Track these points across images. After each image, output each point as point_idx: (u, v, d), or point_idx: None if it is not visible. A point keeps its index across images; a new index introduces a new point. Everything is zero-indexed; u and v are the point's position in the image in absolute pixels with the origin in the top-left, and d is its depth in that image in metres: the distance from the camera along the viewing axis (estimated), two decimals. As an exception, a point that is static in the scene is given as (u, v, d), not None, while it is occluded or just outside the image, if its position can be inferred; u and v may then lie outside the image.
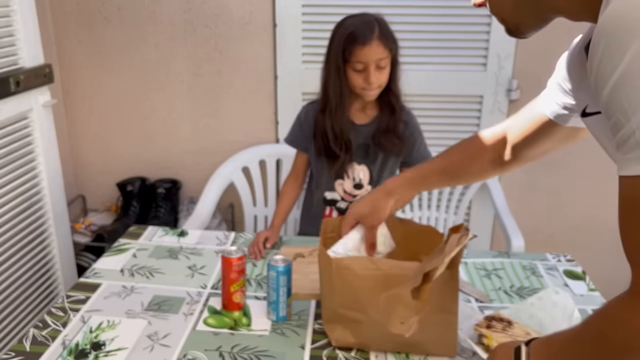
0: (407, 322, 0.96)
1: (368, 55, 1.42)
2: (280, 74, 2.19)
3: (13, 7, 1.59)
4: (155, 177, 2.34)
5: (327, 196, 1.65)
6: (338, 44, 1.46)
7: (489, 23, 2.06)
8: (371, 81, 1.45)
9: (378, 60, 1.44)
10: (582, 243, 2.25)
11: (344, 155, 1.55)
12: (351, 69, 1.46)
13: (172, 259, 1.38)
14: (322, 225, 1.12)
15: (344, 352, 1.03)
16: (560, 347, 0.72)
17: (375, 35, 1.43)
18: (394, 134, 1.56)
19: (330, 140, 1.54)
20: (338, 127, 1.53)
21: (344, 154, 1.55)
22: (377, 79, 1.45)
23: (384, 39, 1.44)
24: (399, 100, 1.56)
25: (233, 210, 2.35)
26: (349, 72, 1.47)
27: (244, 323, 1.12)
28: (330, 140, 1.54)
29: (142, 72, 2.23)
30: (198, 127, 2.29)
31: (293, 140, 1.66)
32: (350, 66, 1.46)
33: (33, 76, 1.66)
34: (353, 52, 1.43)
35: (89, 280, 1.27)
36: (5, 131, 1.60)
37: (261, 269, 1.34)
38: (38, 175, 1.76)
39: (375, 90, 1.49)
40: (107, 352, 1.01)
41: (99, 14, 2.17)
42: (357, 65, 1.44)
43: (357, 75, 1.46)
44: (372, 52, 1.42)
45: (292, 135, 1.66)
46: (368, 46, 1.42)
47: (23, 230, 1.70)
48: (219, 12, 2.13)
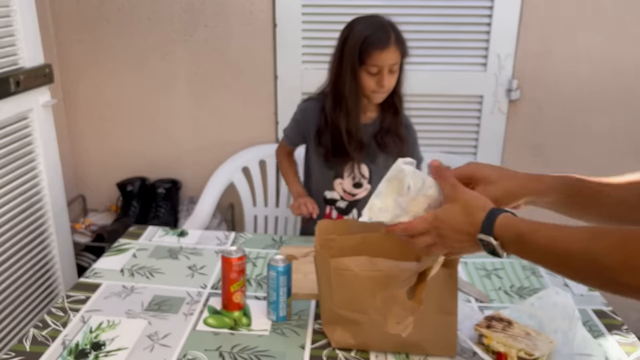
0: (403, 322, 0.96)
1: (385, 59, 1.45)
2: (280, 74, 2.19)
3: (13, 7, 1.59)
4: (155, 177, 2.34)
5: (327, 195, 1.65)
6: (353, 46, 1.46)
7: (489, 23, 2.06)
8: (384, 85, 1.47)
9: (392, 65, 1.46)
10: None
11: (358, 155, 1.57)
12: (365, 72, 1.47)
13: (172, 259, 1.38)
14: (316, 227, 1.11)
15: (344, 352, 1.03)
16: (550, 244, 0.73)
17: (392, 40, 1.45)
18: (396, 134, 1.58)
19: (345, 140, 1.55)
20: (354, 127, 1.55)
21: (357, 154, 1.57)
22: (389, 83, 1.48)
23: (400, 45, 1.47)
24: (402, 102, 1.58)
25: (233, 210, 2.35)
26: (362, 74, 1.48)
27: (244, 323, 1.12)
28: (345, 140, 1.55)
29: (142, 72, 2.23)
30: (198, 127, 2.29)
31: (288, 134, 1.69)
32: (365, 69, 1.47)
33: (33, 76, 1.66)
34: (371, 56, 1.44)
35: (89, 280, 1.27)
36: (5, 131, 1.60)
37: (261, 269, 1.34)
38: (38, 175, 1.76)
39: (385, 94, 1.52)
40: (107, 352, 1.01)
41: (99, 14, 2.17)
42: (371, 69, 1.46)
43: (370, 78, 1.48)
44: (389, 56, 1.45)
45: (289, 129, 1.69)
46: (386, 51, 1.44)
47: (23, 230, 1.70)
48: (219, 12, 2.13)
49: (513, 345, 0.97)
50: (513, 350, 0.96)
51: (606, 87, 2.11)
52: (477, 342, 1.02)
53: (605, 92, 2.12)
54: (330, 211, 1.66)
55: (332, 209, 1.66)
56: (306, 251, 1.35)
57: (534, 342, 0.98)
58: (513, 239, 0.76)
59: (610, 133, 2.17)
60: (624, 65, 2.08)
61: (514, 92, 2.12)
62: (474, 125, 2.20)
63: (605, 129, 2.16)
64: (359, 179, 1.61)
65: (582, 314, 1.09)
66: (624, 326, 1.13)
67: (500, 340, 0.98)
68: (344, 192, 1.63)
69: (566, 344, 1.00)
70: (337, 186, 1.63)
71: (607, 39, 2.06)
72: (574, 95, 2.13)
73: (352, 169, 1.61)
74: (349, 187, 1.62)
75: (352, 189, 1.62)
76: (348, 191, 1.63)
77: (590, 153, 2.20)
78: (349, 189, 1.62)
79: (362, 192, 1.63)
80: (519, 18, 2.06)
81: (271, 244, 1.48)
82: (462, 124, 2.20)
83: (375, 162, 1.61)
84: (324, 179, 1.63)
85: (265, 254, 1.42)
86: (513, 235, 0.76)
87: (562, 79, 2.11)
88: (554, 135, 2.18)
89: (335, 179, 1.62)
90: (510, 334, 1.00)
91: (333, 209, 1.66)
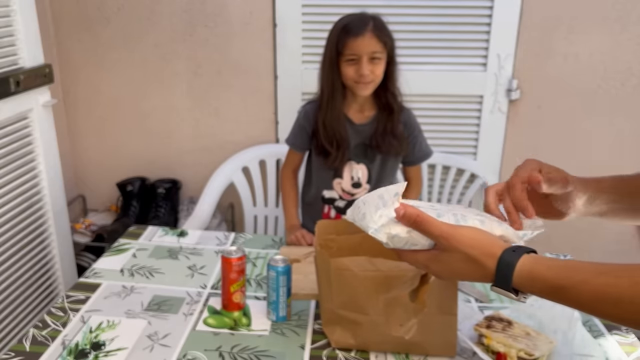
0: (406, 324, 0.96)
1: (361, 47, 1.44)
2: (280, 74, 2.19)
3: (13, 7, 1.59)
4: (155, 177, 2.34)
5: (326, 195, 1.65)
6: (332, 38, 1.49)
7: (489, 23, 2.06)
8: (363, 72, 1.45)
9: (371, 53, 1.45)
10: (581, 243, 2.24)
11: (336, 152, 1.55)
12: (344, 62, 1.47)
13: (172, 259, 1.38)
14: (316, 227, 1.11)
15: (344, 352, 1.03)
16: (598, 297, 0.64)
17: (369, 28, 1.45)
18: (392, 135, 1.56)
19: (322, 137, 1.55)
20: (329, 122, 1.53)
21: (335, 151, 1.55)
22: (370, 72, 1.46)
23: (378, 32, 1.45)
24: (397, 100, 1.56)
25: (233, 210, 2.35)
26: (343, 65, 1.48)
27: (243, 323, 1.12)
28: (322, 137, 1.55)
29: (142, 72, 2.23)
30: (198, 127, 2.29)
31: (294, 143, 1.66)
32: (344, 59, 1.47)
33: (33, 76, 1.66)
34: (346, 44, 1.45)
35: (89, 280, 1.27)
36: (5, 131, 1.60)
37: (261, 269, 1.34)
38: (38, 175, 1.76)
39: (369, 85, 1.49)
40: (107, 352, 1.01)
41: (99, 13, 2.17)
42: (350, 57, 1.46)
43: (350, 67, 1.47)
44: (364, 43, 1.44)
45: (293, 137, 1.67)
46: (361, 37, 1.44)
47: (23, 230, 1.70)
48: (219, 12, 2.13)
49: (513, 345, 0.97)
50: (513, 350, 0.96)
51: (606, 87, 2.11)
52: (477, 342, 1.02)
53: (605, 92, 2.12)
54: (329, 210, 1.67)
55: (330, 208, 1.67)
56: (307, 252, 1.35)
57: (534, 342, 0.98)
58: (545, 291, 0.68)
59: (610, 133, 2.17)
60: (624, 65, 2.08)
61: (514, 92, 2.12)
62: (474, 125, 2.20)
63: (605, 129, 2.16)
64: (358, 178, 1.61)
65: (581, 314, 1.09)
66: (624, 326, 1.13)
67: (500, 340, 0.98)
68: (342, 191, 1.63)
69: (566, 344, 1.00)
70: (336, 186, 1.63)
71: (607, 39, 2.06)
72: (574, 95, 2.13)
73: (351, 169, 1.61)
74: (348, 186, 1.62)
75: (350, 188, 1.62)
76: (347, 191, 1.63)
77: (590, 153, 2.20)
78: (348, 188, 1.63)
79: (360, 192, 1.63)
80: (519, 18, 2.06)
81: (271, 244, 1.48)
82: (462, 124, 2.20)
83: (373, 163, 1.61)
84: (323, 179, 1.64)
85: (265, 254, 1.42)
86: (544, 287, 0.68)
87: (562, 79, 2.11)
88: (554, 135, 2.18)
89: (335, 178, 1.62)
90: (510, 334, 1.00)
91: (332, 208, 1.67)
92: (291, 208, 1.66)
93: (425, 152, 1.68)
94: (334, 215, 1.67)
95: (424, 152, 1.67)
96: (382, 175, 1.63)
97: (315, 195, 1.66)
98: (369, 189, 1.62)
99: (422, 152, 1.67)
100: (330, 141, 1.55)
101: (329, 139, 1.55)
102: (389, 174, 1.64)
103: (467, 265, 0.73)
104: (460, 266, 0.74)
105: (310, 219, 1.69)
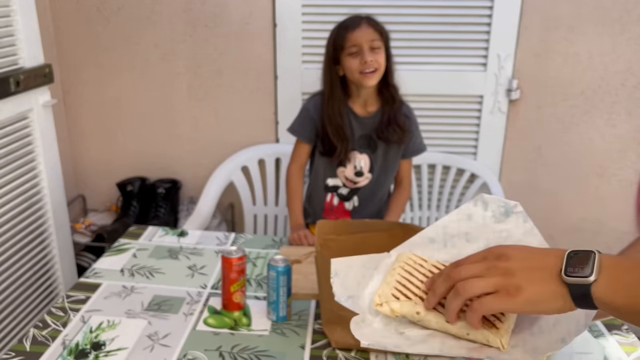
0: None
1: (359, 36, 1.51)
2: (280, 74, 2.19)
3: (13, 7, 1.59)
4: (155, 177, 2.34)
5: (329, 183, 1.68)
6: (332, 38, 1.57)
7: (489, 23, 2.06)
8: (366, 59, 1.50)
9: (370, 42, 1.51)
10: (581, 244, 2.25)
11: (341, 145, 1.60)
12: (347, 56, 1.52)
13: (172, 259, 1.38)
14: (317, 227, 1.11)
15: (344, 352, 1.03)
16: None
17: (364, 20, 1.54)
18: (396, 124, 1.61)
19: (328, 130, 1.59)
20: (332, 116, 1.58)
21: (340, 143, 1.60)
22: (374, 59, 1.51)
23: (373, 23, 1.54)
24: (398, 93, 1.62)
25: (233, 210, 2.35)
26: (346, 60, 1.53)
27: (244, 323, 1.12)
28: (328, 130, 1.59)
29: (142, 72, 2.23)
30: (198, 127, 2.29)
31: (297, 130, 1.68)
32: (346, 53, 1.52)
33: (33, 76, 1.66)
34: (346, 37, 1.52)
35: (89, 280, 1.27)
36: (5, 131, 1.60)
37: (261, 269, 1.34)
38: (38, 175, 1.76)
39: (374, 74, 1.53)
40: (107, 352, 1.01)
41: (99, 13, 2.17)
42: (351, 49, 1.51)
43: (353, 59, 1.52)
44: (362, 33, 1.51)
45: (297, 125, 1.68)
46: (359, 29, 1.51)
47: (23, 230, 1.70)
48: (219, 12, 2.13)
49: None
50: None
51: (606, 87, 2.12)
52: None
53: (605, 92, 2.12)
54: (332, 198, 1.69)
55: (333, 195, 1.70)
56: (307, 252, 1.35)
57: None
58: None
59: (610, 133, 2.17)
60: (624, 65, 2.08)
61: (514, 92, 2.13)
62: (474, 125, 2.20)
63: (605, 129, 2.16)
64: (360, 167, 1.66)
65: (582, 314, 1.09)
66: (624, 326, 1.13)
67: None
68: (346, 179, 1.68)
69: (566, 344, 1.00)
70: (340, 174, 1.68)
71: (607, 39, 2.06)
72: (574, 95, 2.13)
73: (355, 158, 1.65)
74: (351, 175, 1.67)
75: (354, 177, 1.67)
76: (350, 179, 1.67)
77: (590, 153, 2.20)
78: (351, 176, 1.67)
79: (363, 181, 1.67)
80: (519, 18, 2.06)
81: (271, 244, 1.49)
82: (462, 124, 2.21)
83: (375, 153, 1.66)
84: (327, 167, 1.67)
85: (265, 254, 1.42)
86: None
87: (562, 79, 2.11)
88: (554, 135, 2.18)
89: (339, 167, 1.67)
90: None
91: (335, 196, 1.69)
92: (296, 207, 1.68)
93: (420, 147, 1.73)
94: (336, 203, 1.71)
95: (418, 147, 1.73)
96: (384, 165, 1.68)
97: (319, 184, 1.70)
98: (370, 178, 1.66)
99: (417, 146, 1.72)
100: (336, 135, 1.60)
101: (333, 132, 1.59)
102: (391, 165, 1.69)
103: (534, 254, 0.65)
104: (524, 252, 0.65)
105: (313, 209, 1.75)
